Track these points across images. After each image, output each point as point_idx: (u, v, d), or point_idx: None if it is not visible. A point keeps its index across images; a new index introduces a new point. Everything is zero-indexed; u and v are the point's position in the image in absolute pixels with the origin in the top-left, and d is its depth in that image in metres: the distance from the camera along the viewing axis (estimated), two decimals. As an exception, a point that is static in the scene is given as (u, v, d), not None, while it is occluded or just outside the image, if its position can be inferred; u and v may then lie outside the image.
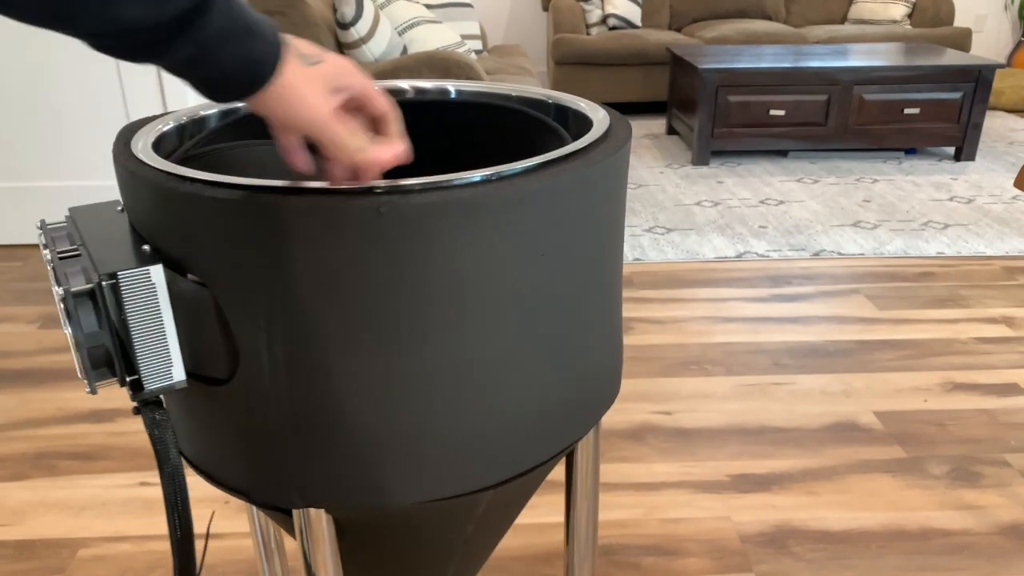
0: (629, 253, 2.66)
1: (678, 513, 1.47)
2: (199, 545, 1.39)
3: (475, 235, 0.55)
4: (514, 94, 0.84)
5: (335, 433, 0.59)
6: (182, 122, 0.74)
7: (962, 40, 4.61)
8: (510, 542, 1.40)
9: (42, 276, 2.48)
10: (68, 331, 0.53)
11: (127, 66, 2.53)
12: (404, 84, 0.87)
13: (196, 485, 1.54)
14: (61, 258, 0.56)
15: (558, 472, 1.58)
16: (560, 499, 1.50)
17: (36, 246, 2.73)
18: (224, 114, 0.78)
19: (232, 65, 0.44)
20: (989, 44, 5.44)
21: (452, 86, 0.86)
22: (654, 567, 1.34)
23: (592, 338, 0.68)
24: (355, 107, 0.56)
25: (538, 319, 0.61)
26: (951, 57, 3.71)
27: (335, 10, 2.69)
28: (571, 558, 0.89)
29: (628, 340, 2.10)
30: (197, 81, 0.46)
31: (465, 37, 3.70)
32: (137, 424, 1.73)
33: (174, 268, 0.57)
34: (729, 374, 1.93)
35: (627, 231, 2.87)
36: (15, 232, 2.72)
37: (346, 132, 0.52)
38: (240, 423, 0.60)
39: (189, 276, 0.56)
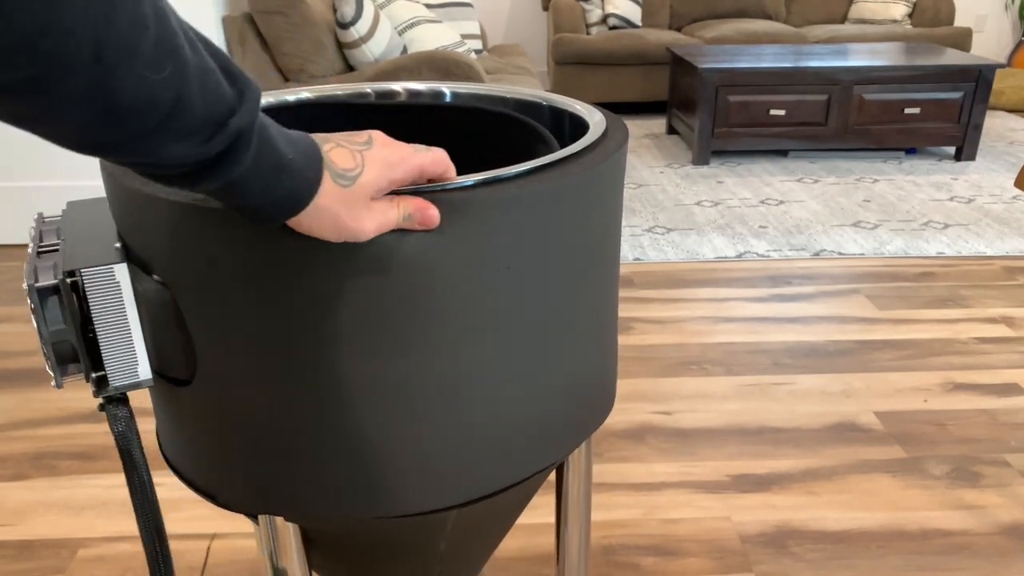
0: (629, 253, 2.66)
1: (678, 513, 1.47)
2: (201, 546, 1.39)
3: (466, 240, 0.54)
4: (509, 97, 0.82)
5: (290, 443, 0.58)
6: None
7: (962, 40, 4.61)
8: (509, 543, 1.40)
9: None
10: (34, 325, 0.53)
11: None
12: (397, 87, 0.85)
13: (196, 485, 1.54)
14: (39, 253, 0.56)
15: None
16: (560, 499, 1.50)
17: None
18: None
19: (260, 201, 0.45)
20: (989, 44, 5.44)
21: (447, 88, 0.84)
22: (654, 567, 1.34)
23: (583, 353, 0.66)
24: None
25: (524, 330, 0.59)
26: (951, 57, 3.71)
27: (335, 10, 2.69)
28: (562, 573, 0.87)
29: (628, 340, 2.10)
30: (229, 207, 0.47)
31: (465, 37, 3.70)
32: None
33: (142, 267, 0.56)
34: (729, 374, 1.93)
35: (627, 231, 2.87)
36: (15, 232, 2.72)
37: (392, 222, 0.51)
38: (202, 425, 0.60)
39: (153, 276, 0.56)
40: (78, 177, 2.64)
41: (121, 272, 0.53)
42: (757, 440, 1.68)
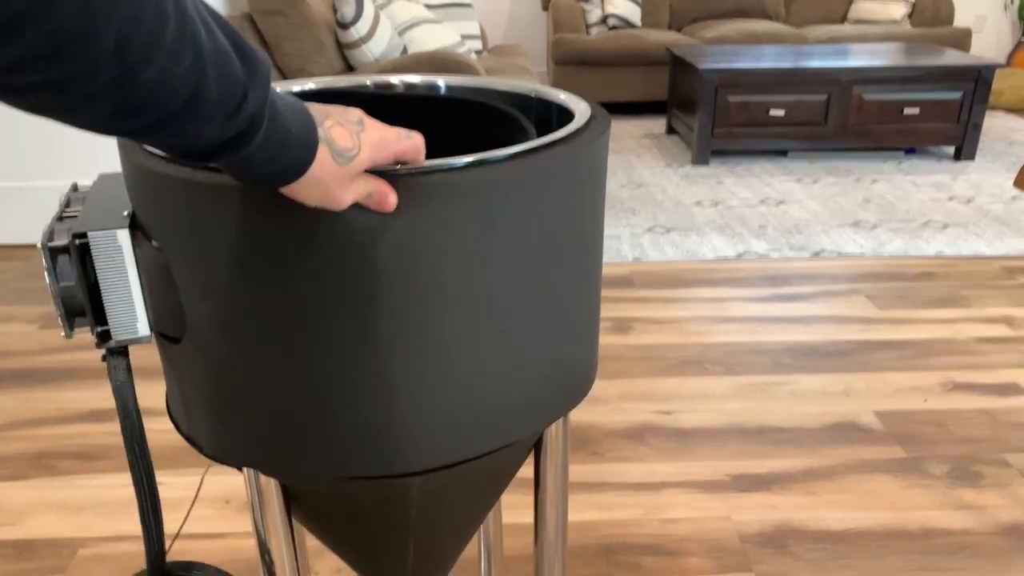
0: (629, 253, 2.66)
1: (678, 513, 1.47)
2: (202, 545, 1.39)
3: (458, 219, 0.56)
4: (495, 88, 0.85)
5: (262, 402, 0.62)
6: None
7: (962, 40, 4.61)
8: (509, 542, 1.40)
9: (42, 276, 2.48)
10: (47, 281, 0.59)
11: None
12: (394, 79, 0.88)
13: (191, 485, 1.54)
14: (60, 218, 0.61)
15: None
16: (560, 499, 1.50)
17: (36, 246, 2.73)
18: None
19: (264, 171, 0.47)
20: (989, 44, 5.45)
21: (442, 80, 0.88)
22: (654, 567, 1.34)
23: (558, 334, 0.67)
24: None
25: (500, 308, 0.61)
26: (951, 57, 3.71)
27: (335, 10, 2.69)
28: (540, 559, 0.88)
29: (628, 340, 2.10)
30: (231, 175, 0.49)
31: (465, 37, 3.70)
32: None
33: (145, 234, 0.61)
34: (729, 374, 1.93)
35: (627, 230, 2.87)
36: (15, 232, 2.72)
37: (361, 195, 0.53)
38: (191, 380, 0.65)
39: (152, 242, 0.60)
40: (80, 177, 2.64)
41: (124, 237, 0.58)
42: (757, 440, 1.68)
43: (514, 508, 1.47)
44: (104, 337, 0.61)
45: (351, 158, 0.50)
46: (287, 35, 2.57)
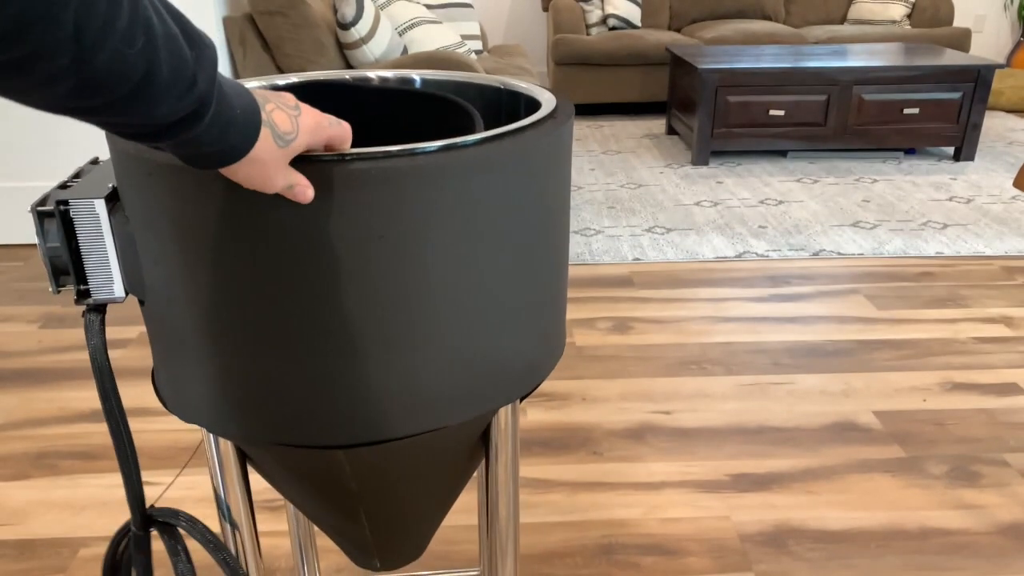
0: (628, 253, 2.66)
1: (678, 512, 1.47)
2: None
3: (431, 202, 0.58)
4: (466, 82, 0.88)
5: (206, 363, 0.65)
6: None
7: (961, 40, 4.62)
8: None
9: (42, 276, 2.49)
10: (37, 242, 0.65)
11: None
12: (371, 74, 0.91)
13: (192, 484, 1.55)
14: (62, 186, 0.67)
15: (558, 471, 1.58)
16: (560, 498, 1.51)
17: (36, 246, 2.74)
18: None
19: (207, 151, 0.50)
20: (988, 44, 5.45)
21: (417, 75, 0.91)
22: (654, 566, 1.35)
23: (510, 322, 0.68)
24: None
25: (456, 291, 0.62)
26: (950, 57, 3.71)
27: (335, 10, 2.70)
28: (492, 554, 0.88)
29: (628, 340, 2.10)
30: (175, 155, 0.52)
31: (465, 37, 3.71)
32: (137, 424, 1.73)
33: (123, 205, 0.67)
34: (729, 374, 1.94)
35: (627, 231, 2.87)
36: (15, 232, 2.72)
37: (287, 184, 0.56)
38: (153, 340, 0.72)
39: (125, 213, 0.66)
40: (78, 177, 2.65)
41: (100, 206, 0.64)
42: (757, 440, 1.68)
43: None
44: (84, 295, 0.67)
45: (289, 141, 0.53)
46: (288, 36, 2.58)
